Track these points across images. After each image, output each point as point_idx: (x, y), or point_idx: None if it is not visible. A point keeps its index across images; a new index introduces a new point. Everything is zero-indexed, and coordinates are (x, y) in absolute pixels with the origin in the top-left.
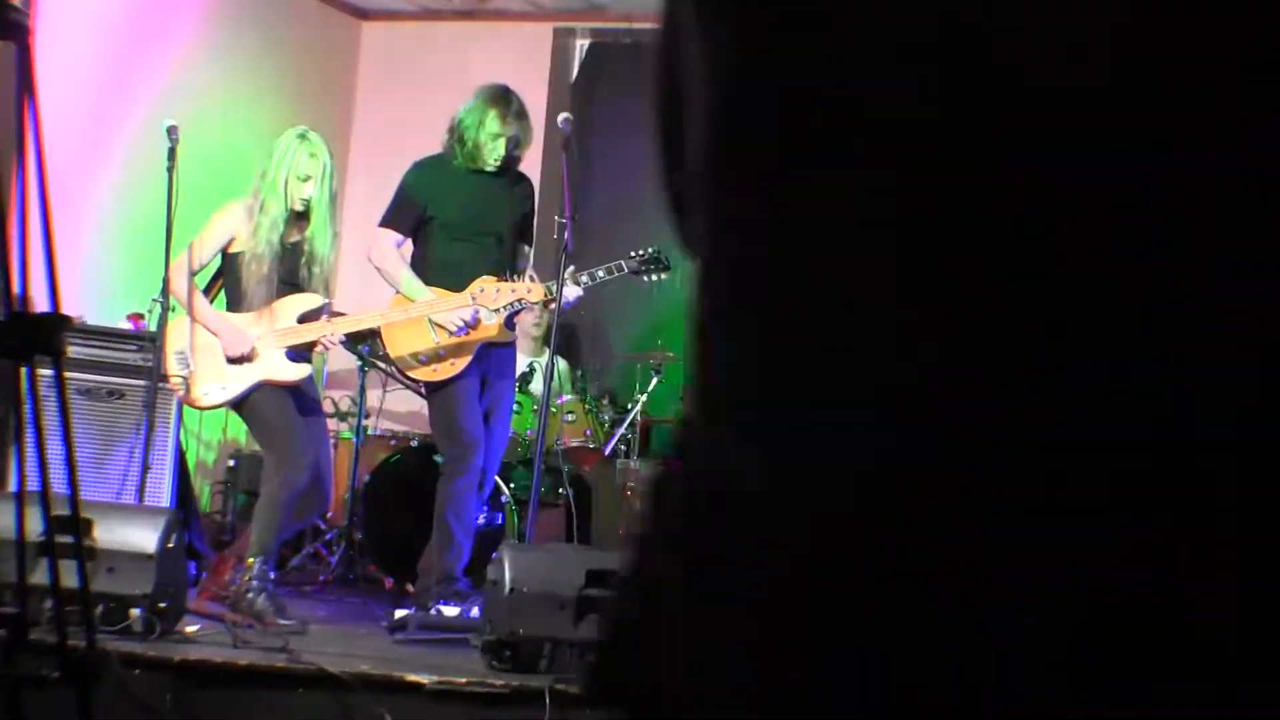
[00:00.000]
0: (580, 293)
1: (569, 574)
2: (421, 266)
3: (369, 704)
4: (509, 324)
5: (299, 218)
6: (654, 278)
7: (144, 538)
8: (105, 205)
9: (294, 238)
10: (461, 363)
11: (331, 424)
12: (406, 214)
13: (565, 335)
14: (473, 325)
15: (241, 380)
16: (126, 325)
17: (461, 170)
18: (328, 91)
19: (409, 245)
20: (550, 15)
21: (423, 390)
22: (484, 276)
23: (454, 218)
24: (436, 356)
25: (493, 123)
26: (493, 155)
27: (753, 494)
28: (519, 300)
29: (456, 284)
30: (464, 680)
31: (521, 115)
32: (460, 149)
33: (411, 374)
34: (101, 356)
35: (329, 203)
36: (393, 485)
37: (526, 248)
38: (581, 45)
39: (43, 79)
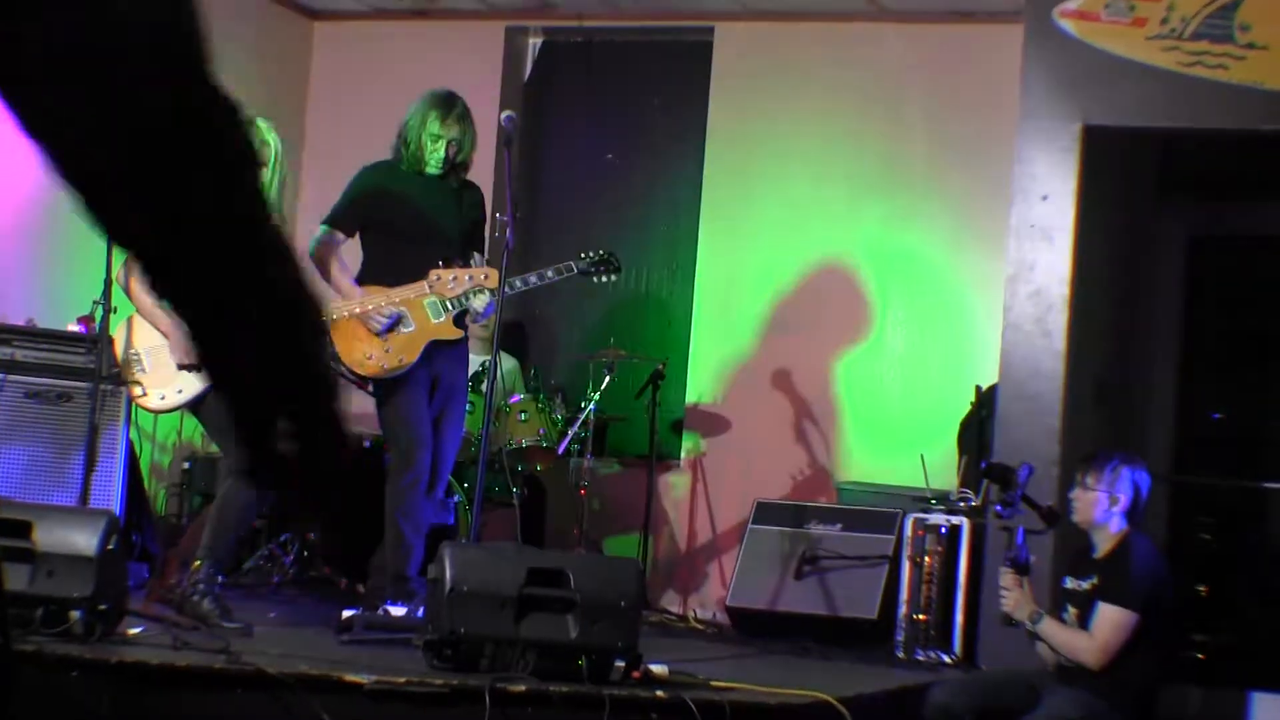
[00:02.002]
0: (488, 301)
1: (510, 573)
2: (369, 268)
3: (308, 705)
4: (458, 322)
5: None
6: (603, 279)
7: (84, 540)
8: (52, 206)
9: None
10: (410, 359)
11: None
12: (351, 214)
13: (517, 334)
14: (392, 325)
15: (197, 383)
16: (75, 328)
17: (409, 174)
18: (279, 91)
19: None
20: (502, 14)
21: (370, 389)
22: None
23: (401, 221)
24: (383, 353)
25: (433, 124)
26: (433, 158)
27: None
28: (477, 286)
29: (396, 281)
30: (403, 680)
31: (463, 119)
32: (405, 151)
33: (358, 371)
34: (50, 359)
35: (278, 191)
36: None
37: (477, 254)
38: (534, 44)
39: None
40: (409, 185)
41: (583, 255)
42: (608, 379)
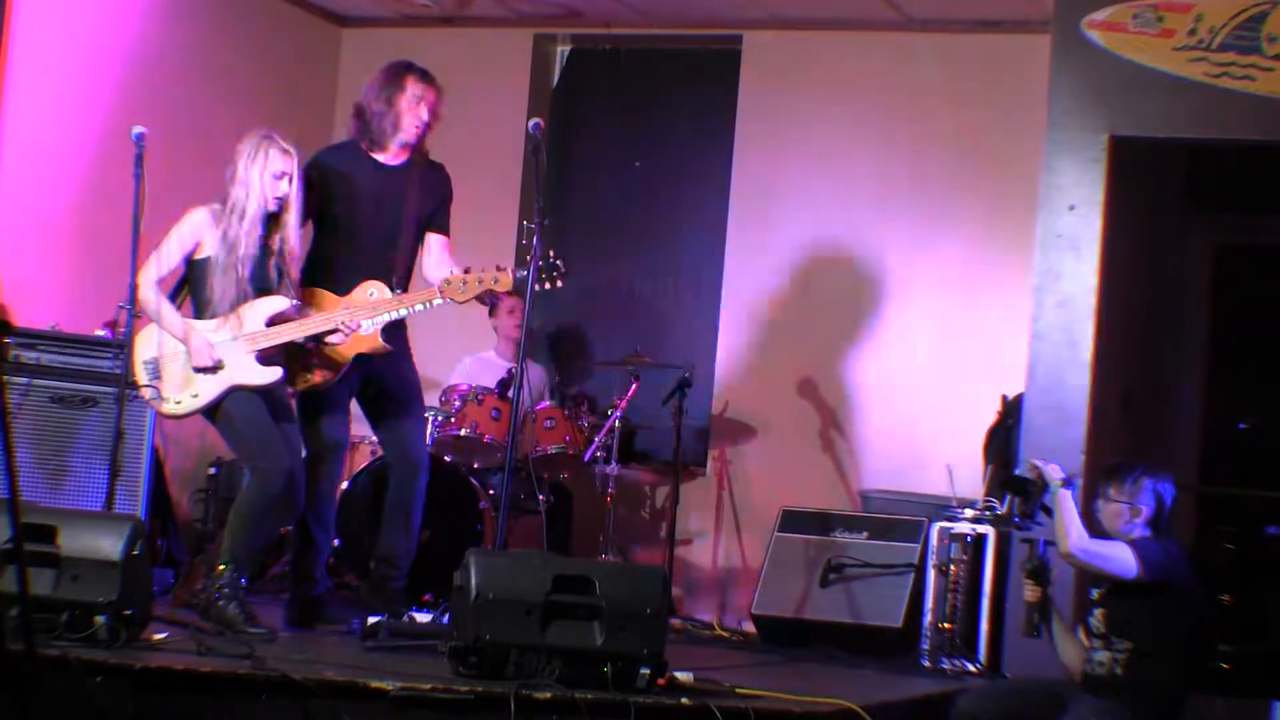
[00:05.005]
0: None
1: (536, 580)
2: (309, 262)
3: (333, 711)
4: (385, 336)
5: (271, 219)
6: (547, 285)
7: (109, 545)
8: (79, 211)
9: (264, 240)
10: (332, 374)
11: None
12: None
13: (545, 342)
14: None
15: (212, 386)
16: (101, 333)
17: (365, 161)
18: (308, 99)
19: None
20: (530, 22)
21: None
22: (370, 281)
23: (341, 213)
24: (307, 366)
25: (413, 86)
26: (415, 123)
27: None
28: (488, 290)
29: (337, 285)
30: (428, 686)
31: (435, 78)
32: (378, 127)
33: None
34: (75, 364)
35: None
36: (372, 493)
37: (437, 237)
38: (562, 52)
39: (14, 85)
40: (363, 175)
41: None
42: (634, 386)
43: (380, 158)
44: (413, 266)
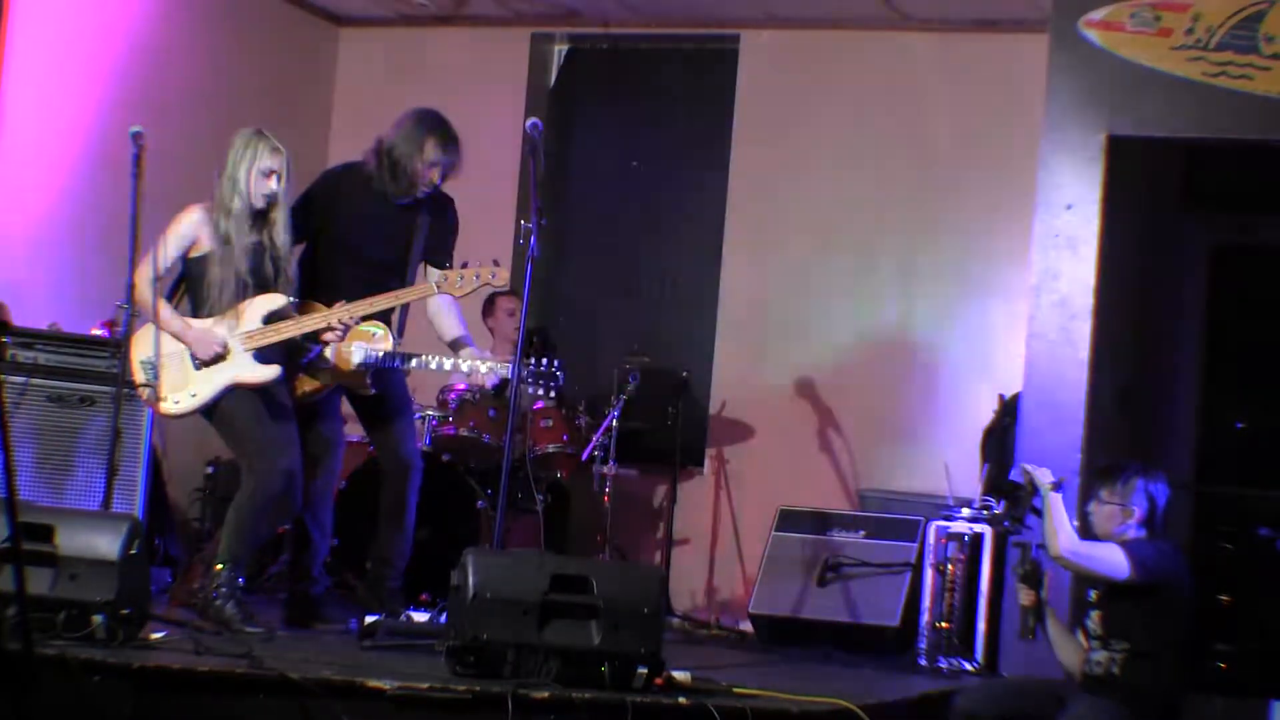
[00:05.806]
0: (497, 380)
1: (533, 579)
2: (305, 279)
3: (330, 710)
4: (373, 380)
5: (259, 216)
6: (539, 390)
7: (107, 544)
8: (77, 210)
9: (255, 237)
10: (329, 382)
11: None
12: (299, 220)
13: (542, 340)
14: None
15: (211, 386)
16: (99, 332)
17: (375, 192)
18: (306, 98)
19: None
20: (528, 21)
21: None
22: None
23: (348, 238)
24: (301, 376)
25: (431, 150)
26: (427, 183)
27: None
28: (485, 285)
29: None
30: (425, 686)
31: (457, 141)
32: (391, 176)
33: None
34: (72, 363)
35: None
36: (369, 492)
37: (439, 272)
38: (560, 51)
39: (12, 84)
40: (371, 202)
41: (531, 362)
42: (632, 386)
43: (389, 196)
44: None
